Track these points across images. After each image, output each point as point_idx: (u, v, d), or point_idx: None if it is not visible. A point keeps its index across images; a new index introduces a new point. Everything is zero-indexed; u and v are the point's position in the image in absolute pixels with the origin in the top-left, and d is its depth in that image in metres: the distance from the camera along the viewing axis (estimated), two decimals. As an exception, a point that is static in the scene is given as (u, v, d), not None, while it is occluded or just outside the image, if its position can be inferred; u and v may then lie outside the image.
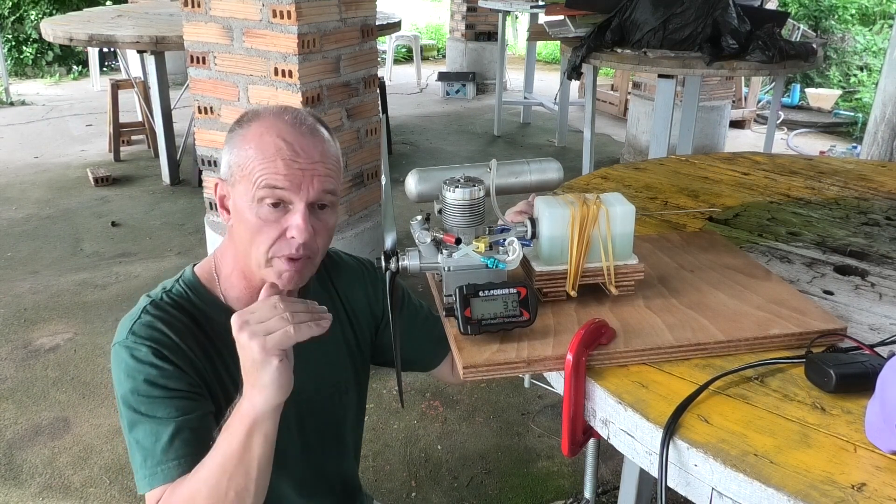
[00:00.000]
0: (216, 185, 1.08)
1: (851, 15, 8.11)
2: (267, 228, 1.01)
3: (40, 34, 4.84)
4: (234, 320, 0.91)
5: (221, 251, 1.13)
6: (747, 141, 6.33)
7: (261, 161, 1.00)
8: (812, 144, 6.33)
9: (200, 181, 3.88)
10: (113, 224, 4.26)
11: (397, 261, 0.98)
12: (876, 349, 0.90)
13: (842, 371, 0.83)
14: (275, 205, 1.00)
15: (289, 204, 1.01)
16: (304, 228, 1.00)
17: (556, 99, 6.18)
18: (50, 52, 8.30)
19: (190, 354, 1.04)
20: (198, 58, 2.57)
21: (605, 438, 0.87)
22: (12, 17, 8.18)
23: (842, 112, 7.04)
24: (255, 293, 1.10)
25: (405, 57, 9.68)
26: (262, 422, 0.92)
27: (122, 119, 5.32)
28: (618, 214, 1.00)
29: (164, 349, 1.02)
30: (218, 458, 0.93)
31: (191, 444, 0.98)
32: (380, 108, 3.16)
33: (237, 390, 1.06)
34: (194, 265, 1.14)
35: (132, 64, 5.89)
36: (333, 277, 1.24)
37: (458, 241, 0.97)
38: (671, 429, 0.78)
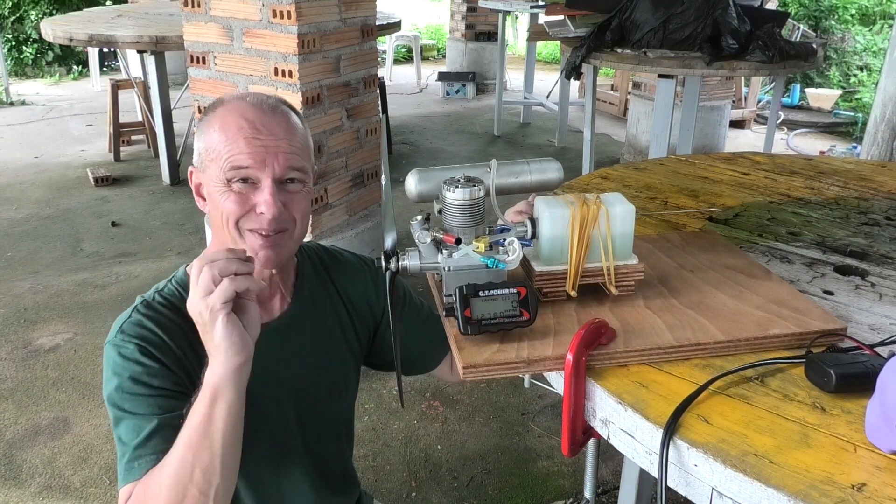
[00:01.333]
0: (191, 173, 1.10)
1: (851, 15, 8.11)
2: (235, 206, 1.02)
3: (40, 34, 4.84)
4: (188, 302, 0.92)
5: (210, 246, 1.14)
6: (747, 141, 6.33)
7: (225, 142, 1.02)
8: (812, 144, 6.33)
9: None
10: (113, 224, 4.25)
11: (397, 261, 0.98)
12: (876, 349, 0.90)
13: (842, 371, 0.83)
14: (244, 182, 1.02)
15: (256, 182, 1.03)
16: (272, 203, 1.01)
17: (548, 95, 6.18)
18: (50, 52, 8.30)
19: (178, 353, 1.04)
20: (198, 58, 2.57)
21: (605, 438, 0.87)
22: (12, 17, 8.18)
23: (842, 112, 7.04)
24: None
25: (405, 57, 9.68)
26: (224, 389, 0.91)
27: (122, 119, 5.32)
28: (618, 214, 1.00)
29: (151, 347, 1.02)
30: (183, 435, 0.93)
31: (171, 441, 0.97)
32: (380, 108, 3.16)
33: None
34: (186, 265, 1.14)
35: (132, 64, 5.89)
36: (332, 274, 1.24)
37: (458, 241, 0.97)
38: (671, 429, 0.78)
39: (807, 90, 7.36)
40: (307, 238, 2.58)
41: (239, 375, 0.92)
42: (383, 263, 0.98)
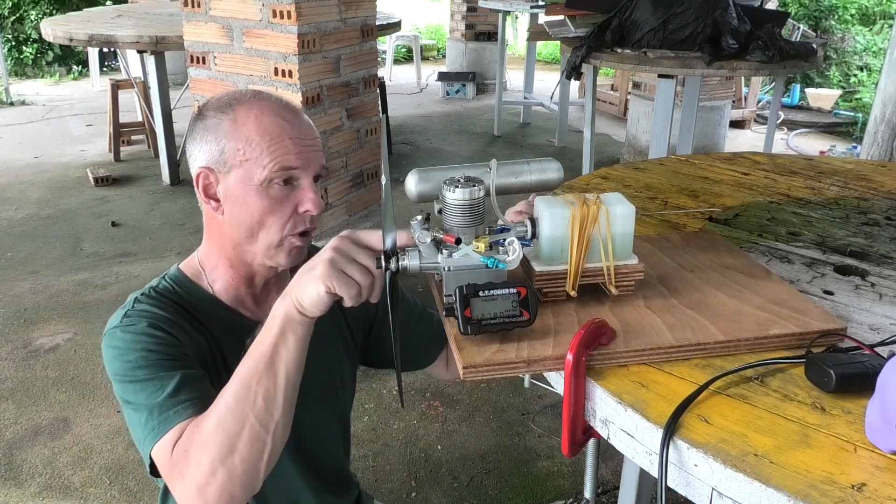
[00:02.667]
0: (199, 174, 1.06)
1: (851, 15, 8.11)
2: (279, 208, 1.03)
3: (40, 34, 4.84)
4: (335, 239, 0.89)
5: (204, 247, 1.13)
6: (747, 141, 6.33)
7: (269, 143, 1.01)
8: (812, 144, 6.33)
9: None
10: (113, 224, 4.26)
11: (397, 261, 0.98)
12: (876, 349, 0.90)
13: (842, 371, 0.83)
14: (284, 183, 1.03)
15: (296, 181, 1.04)
16: (318, 201, 1.05)
17: (552, 97, 6.18)
18: (50, 52, 8.30)
19: (183, 334, 1.03)
20: (198, 58, 2.57)
21: (605, 438, 0.87)
22: (12, 17, 8.18)
23: (842, 112, 7.04)
24: (241, 282, 1.10)
25: (405, 57, 9.68)
26: (294, 327, 0.90)
27: (122, 119, 5.32)
28: (618, 214, 1.00)
29: (162, 322, 1.01)
30: (246, 364, 0.90)
31: (198, 391, 0.95)
32: (380, 108, 3.16)
33: (228, 374, 1.06)
34: (178, 264, 1.15)
35: (132, 64, 5.89)
36: None
37: (458, 241, 0.97)
38: (671, 429, 0.78)
39: (807, 90, 7.36)
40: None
41: (308, 325, 0.91)
42: (383, 263, 0.98)
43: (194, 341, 1.05)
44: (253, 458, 0.88)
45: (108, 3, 8.11)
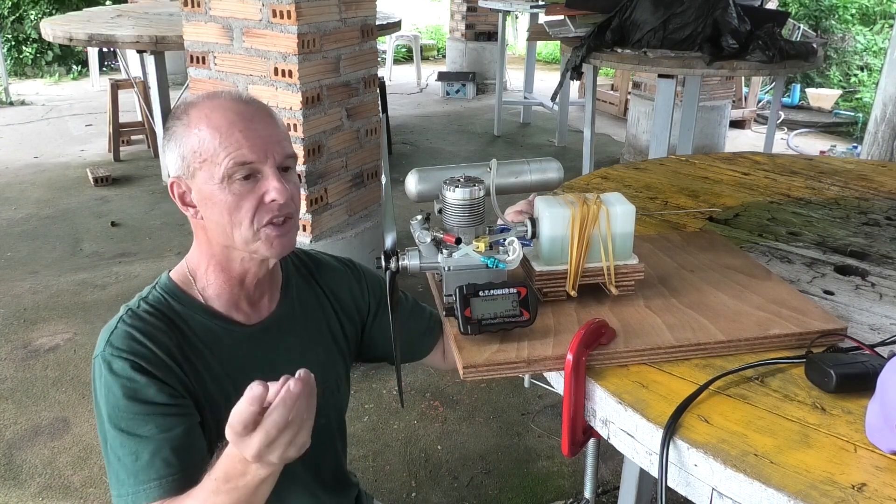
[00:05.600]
0: (172, 185, 1.06)
1: (851, 15, 8.11)
2: (244, 202, 1.01)
3: (40, 34, 4.84)
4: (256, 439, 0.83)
5: (192, 253, 1.13)
6: (747, 141, 6.33)
7: (220, 140, 1.00)
8: (812, 144, 6.33)
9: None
10: (113, 224, 4.25)
11: (397, 260, 0.98)
12: (876, 349, 0.90)
13: (842, 371, 0.83)
14: (246, 177, 1.01)
15: (258, 173, 1.02)
16: (282, 189, 1.01)
17: (554, 98, 6.15)
18: (50, 52, 8.30)
19: (170, 363, 1.02)
20: (198, 58, 2.57)
21: (605, 438, 0.87)
22: (12, 17, 8.18)
23: (842, 112, 7.04)
24: (234, 283, 1.10)
25: (405, 57, 9.67)
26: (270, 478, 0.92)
27: (122, 119, 5.32)
28: (618, 214, 1.00)
29: (143, 361, 0.99)
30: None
31: (172, 465, 0.96)
32: (380, 108, 3.16)
33: (222, 394, 1.06)
34: (169, 271, 1.14)
35: (132, 64, 5.89)
36: (316, 274, 1.25)
37: (458, 241, 0.97)
38: (671, 429, 0.78)
39: (807, 90, 7.36)
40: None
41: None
42: (383, 263, 0.98)
43: (179, 368, 1.03)
44: None
45: (107, 2, 8.11)
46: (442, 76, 7.78)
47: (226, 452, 0.89)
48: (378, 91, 2.92)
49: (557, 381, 0.92)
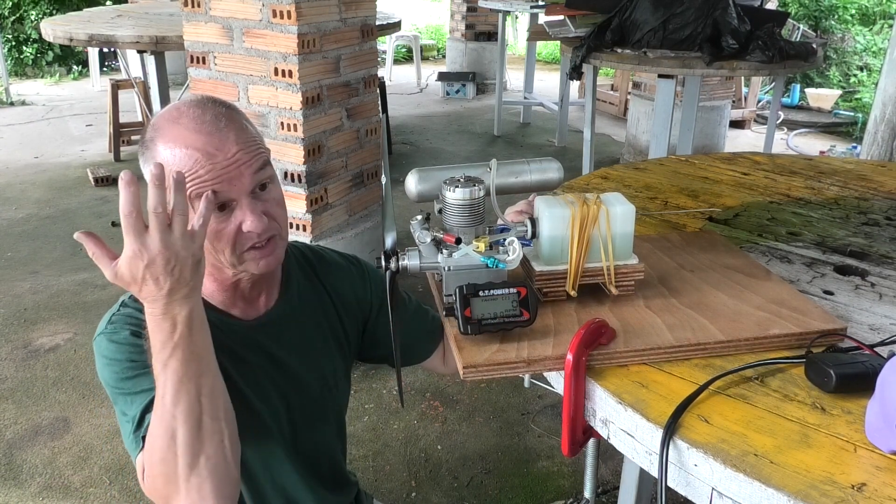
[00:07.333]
0: None
1: (851, 15, 8.12)
2: (222, 234, 1.00)
3: (40, 34, 4.84)
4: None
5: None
6: (747, 141, 6.33)
7: (186, 176, 0.95)
8: (812, 144, 6.33)
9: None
10: (113, 224, 4.25)
11: (397, 260, 0.98)
12: (876, 349, 0.90)
13: (842, 371, 0.83)
14: (221, 208, 0.99)
15: (232, 202, 0.99)
16: (256, 220, 0.99)
17: (560, 100, 6.17)
18: (50, 52, 8.30)
19: None
20: (198, 58, 2.57)
21: (605, 438, 0.87)
22: (12, 17, 8.18)
23: (842, 112, 7.04)
24: (228, 287, 1.10)
25: (405, 57, 9.68)
26: (196, 316, 0.92)
27: (122, 119, 5.32)
28: (618, 214, 1.00)
29: (143, 328, 0.99)
30: (173, 376, 0.90)
31: None
32: (380, 108, 3.16)
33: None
34: None
35: (132, 64, 5.89)
36: (319, 271, 1.24)
37: (458, 241, 0.97)
38: (671, 429, 0.78)
39: (807, 90, 7.36)
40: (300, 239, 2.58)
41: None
42: (383, 263, 0.98)
43: None
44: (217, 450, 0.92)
45: (108, 3, 8.11)
46: (442, 76, 7.78)
47: (148, 329, 0.90)
48: (378, 91, 2.92)
49: (557, 381, 0.92)
